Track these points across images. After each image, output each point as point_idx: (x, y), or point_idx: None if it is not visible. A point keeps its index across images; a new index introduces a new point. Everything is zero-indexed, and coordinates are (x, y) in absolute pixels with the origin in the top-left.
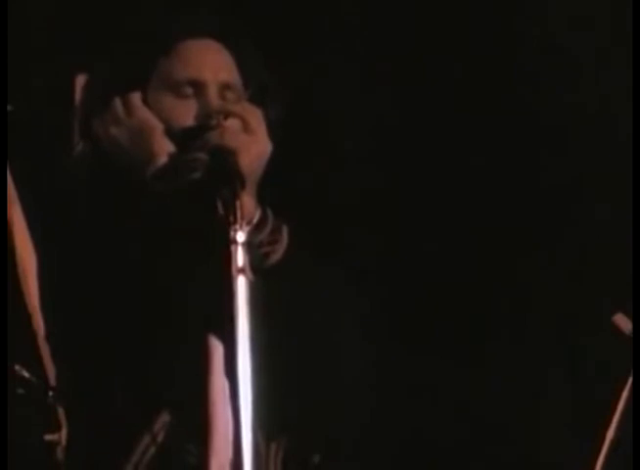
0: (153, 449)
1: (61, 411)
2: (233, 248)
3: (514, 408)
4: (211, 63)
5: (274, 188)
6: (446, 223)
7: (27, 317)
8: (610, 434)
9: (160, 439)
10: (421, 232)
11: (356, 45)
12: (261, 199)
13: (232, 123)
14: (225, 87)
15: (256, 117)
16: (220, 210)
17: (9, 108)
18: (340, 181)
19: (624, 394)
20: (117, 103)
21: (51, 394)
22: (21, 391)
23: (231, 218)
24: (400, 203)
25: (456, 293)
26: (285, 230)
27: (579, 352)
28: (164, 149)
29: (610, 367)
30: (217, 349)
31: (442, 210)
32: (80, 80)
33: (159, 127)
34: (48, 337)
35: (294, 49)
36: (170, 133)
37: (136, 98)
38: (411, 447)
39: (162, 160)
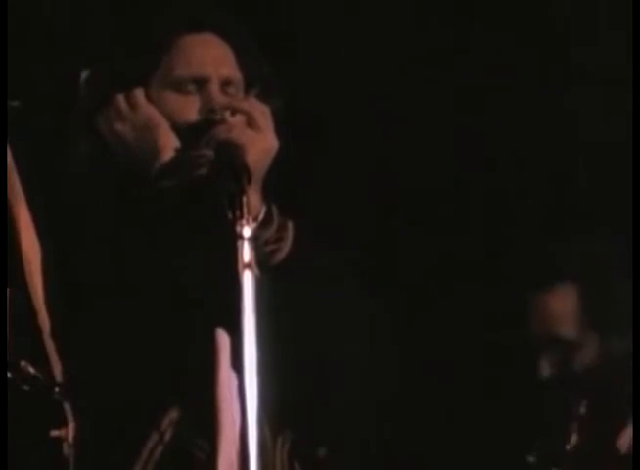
0: (161, 447)
1: (67, 407)
2: (239, 243)
3: (515, 409)
4: (213, 58)
5: (279, 185)
6: (451, 219)
7: (33, 313)
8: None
9: (168, 436)
10: (425, 230)
11: (357, 42)
12: (266, 196)
13: (238, 119)
14: (226, 82)
15: (263, 114)
16: (226, 205)
17: (15, 103)
18: (344, 178)
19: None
20: (121, 99)
21: (57, 389)
22: (26, 387)
23: (237, 214)
24: (404, 200)
25: (462, 291)
26: (290, 227)
27: None
28: (170, 145)
29: None
30: (224, 344)
31: (446, 204)
32: (82, 77)
33: (164, 123)
34: (54, 333)
35: (294, 46)
36: (175, 129)
37: (139, 94)
38: (415, 442)
39: (168, 156)
